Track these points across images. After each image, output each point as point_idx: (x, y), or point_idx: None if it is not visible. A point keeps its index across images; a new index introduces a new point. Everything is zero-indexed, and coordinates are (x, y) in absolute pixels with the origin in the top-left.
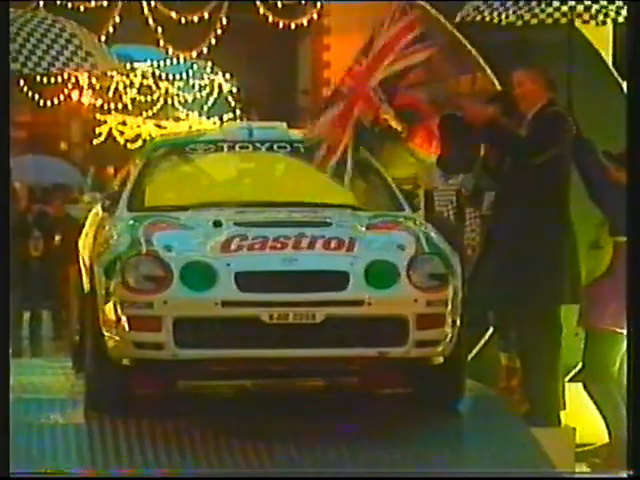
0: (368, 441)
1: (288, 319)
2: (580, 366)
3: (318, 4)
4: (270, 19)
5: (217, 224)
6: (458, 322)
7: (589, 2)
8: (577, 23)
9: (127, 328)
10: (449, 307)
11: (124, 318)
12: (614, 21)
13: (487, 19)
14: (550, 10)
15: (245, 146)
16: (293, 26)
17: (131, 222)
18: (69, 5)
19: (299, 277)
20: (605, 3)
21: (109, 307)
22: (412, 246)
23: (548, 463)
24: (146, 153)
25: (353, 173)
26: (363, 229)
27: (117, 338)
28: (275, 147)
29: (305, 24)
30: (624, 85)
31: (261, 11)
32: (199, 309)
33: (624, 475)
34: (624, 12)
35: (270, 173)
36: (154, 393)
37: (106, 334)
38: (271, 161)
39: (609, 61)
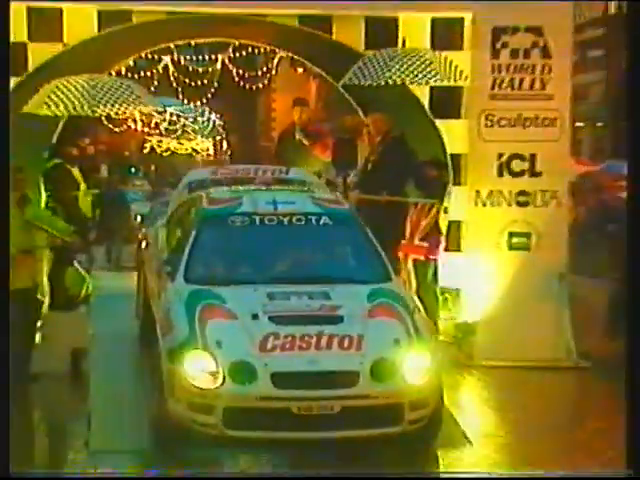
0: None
1: (312, 411)
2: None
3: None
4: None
5: (254, 317)
6: (439, 395)
7: (412, 73)
8: (408, 85)
9: (185, 407)
10: (435, 388)
11: (184, 399)
12: (428, 83)
13: (361, 83)
14: (389, 74)
15: (271, 219)
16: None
17: (188, 298)
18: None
19: (321, 377)
20: (425, 72)
21: (172, 384)
22: (405, 338)
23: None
24: (197, 224)
25: (354, 248)
26: (366, 315)
27: (179, 410)
28: (294, 220)
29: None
30: (436, 121)
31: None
32: (242, 401)
33: (624, 475)
34: (437, 78)
35: (292, 249)
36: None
37: (166, 400)
38: (292, 237)
39: (427, 106)
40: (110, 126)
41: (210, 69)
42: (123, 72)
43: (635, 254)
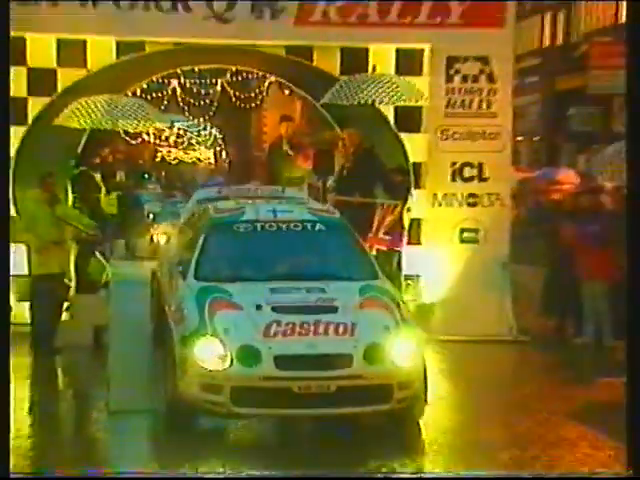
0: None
1: (311, 390)
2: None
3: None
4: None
5: (258, 307)
6: (423, 375)
7: (380, 95)
8: (377, 105)
9: (196, 388)
10: (420, 370)
11: (195, 381)
12: (394, 103)
13: (338, 103)
14: (361, 95)
15: (271, 225)
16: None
17: (198, 293)
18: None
19: (319, 359)
20: (391, 94)
21: (185, 366)
22: (393, 326)
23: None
24: (205, 229)
25: (346, 250)
26: (358, 307)
27: (189, 391)
28: (292, 226)
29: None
30: (400, 135)
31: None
32: (248, 381)
33: (624, 475)
34: (401, 99)
35: (291, 251)
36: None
37: (179, 382)
38: (291, 240)
39: (392, 122)
40: (127, 139)
41: (211, 91)
42: (138, 93)
43: (635, 253)
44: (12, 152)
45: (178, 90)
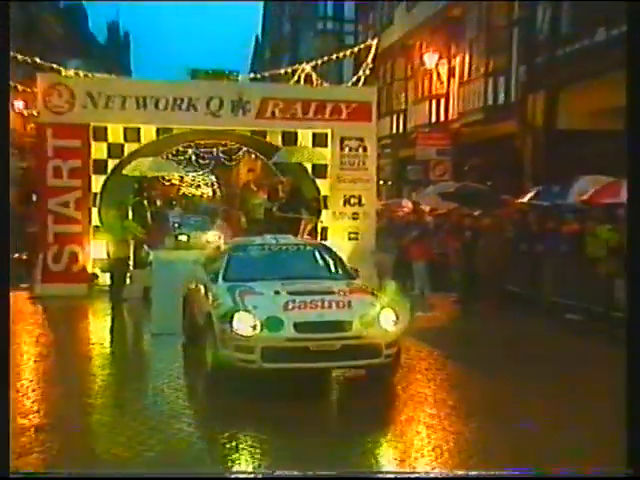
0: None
1: (322, 348)
2: None
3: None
4: (225, 162)
5: (276, 292)
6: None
7: (303, 158)
8: (302, 163)
9: (232, 350)
10: (399, 334)
11: (232, 345)
12: (311, 161)
13: (280, 161)
14: (294, 158)
15: (275, 248)
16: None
17: (228, 288)
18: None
19: (327, 324)
20: (310, 157)
21: (223, 337)
22: (377, 304)
23: None
24: (229, 250)
25: (330, 263)
26: (349, 292)
27: (227, 353)
28: (290, 247)
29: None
30: (315, 180)
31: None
32: (275, 342)
33: (624, 475)
34: (315, 159)
35: (290, 261)
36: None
37: (219, 347)
38: (290, 255)
39: (310, 172)
40: (162, 182)
41: (210, 155)
42: (169, 156)
43: (635, 253)
44: (97, 190)
45: (192, 155)
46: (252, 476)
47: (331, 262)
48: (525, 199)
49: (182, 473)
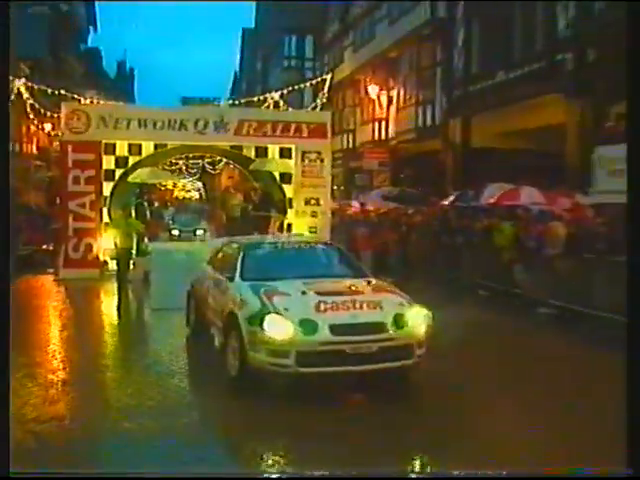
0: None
1: (360, 350)
2: None
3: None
4: (210, 171)
5: (303, 293)
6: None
7: (272, 167)
8: (272, 171)
9: (264, 354)
10: (427, 334)
11: (264, 349)
12: (279, 170)
13: (255, 169)
14: (266, 168)
15: (288, 247)
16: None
17: (249, 287)
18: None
19: (362, 326)
20: (278, 167)
21: (253, 341)
22: (404, 302)
23: None
24: (243, 249)
25: (341, 261)
26: (373, 291)
27: (257, 357)
28: (302, 247)
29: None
30: (282, 185)
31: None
32: (309, 346)
33: (624, 475)
34: (283, 169)
35: (307, 259)
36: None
37: (248, 352)
38: (303, 253)
39: (278, 179)
40: (159, 187)
41: (198, 166)
42: (165, 167)
43: (635, 253)
44: (107, 194)
45: (183, 165)
46: (252, 476)
47: (344, 260)
48: (447, 201)
49: (182, 473)
